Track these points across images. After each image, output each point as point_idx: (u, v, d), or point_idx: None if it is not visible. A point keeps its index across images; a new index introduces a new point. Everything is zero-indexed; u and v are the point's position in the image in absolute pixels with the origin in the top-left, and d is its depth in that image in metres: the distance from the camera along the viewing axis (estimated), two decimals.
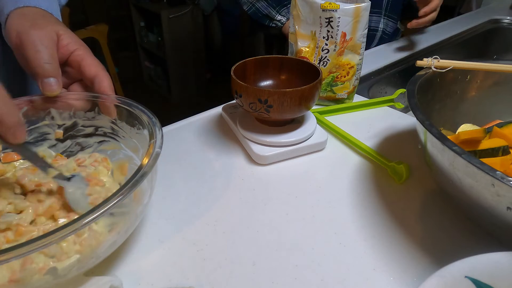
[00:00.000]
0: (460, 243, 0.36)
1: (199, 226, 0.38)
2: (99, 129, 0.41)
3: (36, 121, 0.40)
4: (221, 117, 0.58)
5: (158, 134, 0.34)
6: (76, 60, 0.39)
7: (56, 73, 0.37)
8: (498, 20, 1.11)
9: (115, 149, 0.41)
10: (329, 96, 0.61)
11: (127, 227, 0.32)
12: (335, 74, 0.58)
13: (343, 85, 0.59)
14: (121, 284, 0.31)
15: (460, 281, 0.25)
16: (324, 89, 0.60)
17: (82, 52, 0.39)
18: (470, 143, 0.40)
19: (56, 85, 0.37)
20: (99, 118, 0.40)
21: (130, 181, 0.28)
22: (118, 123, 0.40)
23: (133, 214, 0.32)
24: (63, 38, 0.38)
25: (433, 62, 0.43)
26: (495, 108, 0.49)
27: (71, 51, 0.39)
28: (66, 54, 0.39)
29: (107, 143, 0.42)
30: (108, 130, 0.41)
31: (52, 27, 0.38)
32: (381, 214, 0.40)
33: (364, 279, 0.33)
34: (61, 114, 0.40)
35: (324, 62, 0.58)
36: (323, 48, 0.56)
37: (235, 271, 0.34)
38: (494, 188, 0.27)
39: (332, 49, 0.56)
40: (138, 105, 0.38)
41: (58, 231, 0.24)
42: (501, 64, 0.44)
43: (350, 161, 0.48)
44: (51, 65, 0.36)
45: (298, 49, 0.57)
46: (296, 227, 0.38)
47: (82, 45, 0.40)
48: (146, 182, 0.32)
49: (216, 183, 0.45)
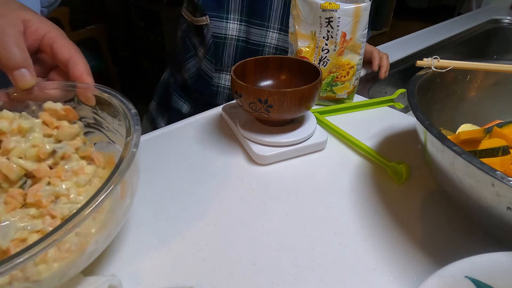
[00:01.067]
0: (460, 243, 0.36)
1: (199, 226, 0.38)
2: (82, 120, 0.38)
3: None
4: (221, 117, 0.58)
5: (136, 130, 0.31)
6: (47, 44, 0.36)
7: (26, 63, 0.34)
8: (498, 20, 1.11)
9: (101, 141, 0.39)
10: (329, 96, 0.61)
11: (108, 232, 0.30)
12: (335, 74, 0.58)
13: (343, 85, 0.59)
14: (120, 284, 0.31)
15: (460, 281, 0.25)
16: (324, 89, 0.60)
17: (53, 35, 0.36)
18: (470, 143, 0.40)
19: (28, 75, 0.34)
20: (80, 108, 0.38)
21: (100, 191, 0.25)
22: (100, 113, 0.37)
23: (112, 219, 0.30)
24: (31, 24, 0.35)
25: (433, 62, 0.43)
26: (495, 108, 0.49)
27: (42, 35, 0.36)
28: (36, 40, 0.36)
29: (92, 134, 0.39)
30: (91, 121, 0.38)
31: (16, 13, 0.34)
32: (381, 214, 0.40)
33: (364, 279, 0.33)
34: (40, 106, 0.37)
35: (324, 62, 0.57)
36: (323, 48, 0.56)
37: (235, 271, 0.34)
38: (494, 188, 0.27)
39: (332, 49, 0.56)
40: (116, 94, 0.35)
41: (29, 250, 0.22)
42: (501, 64, 0.44)
43: (350, 161, 0.48)
44: (18, 55, 0.33)
45: (298, 49, 0.57)
46: (296, 227, 0.38)
47: (53, 27, 0.37)
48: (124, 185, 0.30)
49: (216, 183, 0.45)
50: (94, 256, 0.31)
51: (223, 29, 0.73)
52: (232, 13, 0.72)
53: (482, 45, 1.08)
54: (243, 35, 0.74)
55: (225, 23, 0.73)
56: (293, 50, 0.59)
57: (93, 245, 0.29)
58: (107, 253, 0.35)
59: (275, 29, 0.74)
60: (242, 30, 0.73)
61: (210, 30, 0.74)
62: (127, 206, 0.33)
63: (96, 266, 0.34)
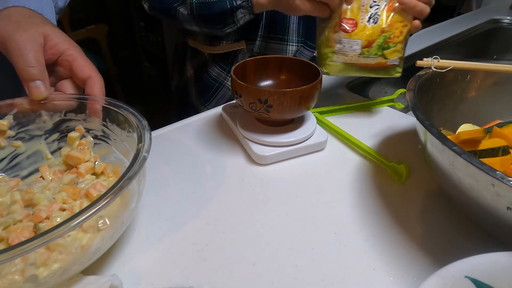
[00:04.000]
0: (460, 243, 0.36)
1: (199, 226, 0.38)
2: (90, 131, 0.41)
3: (27, 123, 0.39)
4: (221, 117, 0.58)
5: (147, 137, 0.33)
6: (67, 60, 0.38)
7: (41, 76, 0.36)
8: (498, 20, 1.11)
9: (107, 153, 0.41)
10: (379, 63, 0.51)
11: (112, 233, 0.31)
12: (387, 34, 0.50)
13: (395, 48, 0.51)
14: (121, 284, 0.31)
15: (460, 281, 0.25)
16: (374, 54, 0.51)
17: (73, 52, 0.38)
18: (470, 143, 0.40)
19: (43, 87, 0.36)
20: (90, 120, 0.40)
21: (115, 187, 0.27)
22: (109, 125, 0.39)
23: (119, 219, 0.32)
24: (51, 39, 0.37)
25: (433, 62, 0.43)
26: (495, 108, 0.49)
27: (61, 51, 0.38)
28: (55, 55, 0.38)
29: (99, 146, 0.41)
30: (100, 133, 0.40)
31: (38, 28, 0.37)
32: (381, 214, 0.40)
33: (364, 279, 0.33)
34: (51, 116, 0.40)
35: (375, 19, 0.49)
36: (371, 4, 0.49)
37: (235, 271, 0.34)
38: (494, 188, 0.27)
39: (383, 4, 0.49)
40: (127, 107, 0.37)
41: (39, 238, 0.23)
42: (501, 64, 0.44)
43: (350, 161, 0.48)
44: (36, 68, 0.35)
45: (344, 9, 0.49)
46: (296, 227, 0.38)
47: (73, 44, 0.39)
48: (133, 186, 0.32)
49: (216, 183, 0.45)
50: (98, 255, 0.31)
51: (251, 50, 0.73)
52: (260, 31, 0.72)
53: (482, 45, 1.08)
54: (262, 50, 0.73)
55: (254, 43, 0.72)
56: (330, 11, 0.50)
57: (99, 242, 0.30)
58: (107, 253, 0.35)
59: (294, 42, 0.73)
60: (262, 46, 0.73)
61: (247, 53, 0.72)
62: (133, 209, 0.33)
63: (97, 266, 0.34)
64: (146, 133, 0.34)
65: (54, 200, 0.34)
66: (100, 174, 0.39)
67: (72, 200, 0.35)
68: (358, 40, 0.50)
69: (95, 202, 0.26)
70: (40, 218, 0.32)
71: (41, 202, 0.34)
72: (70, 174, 0.38)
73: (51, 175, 0.39)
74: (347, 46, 0.50)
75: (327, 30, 0.51)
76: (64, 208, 0.33)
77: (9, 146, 0.39)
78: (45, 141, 0.41)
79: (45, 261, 0.27)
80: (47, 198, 0.34)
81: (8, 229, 0.31)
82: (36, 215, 0.32)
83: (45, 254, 0.27)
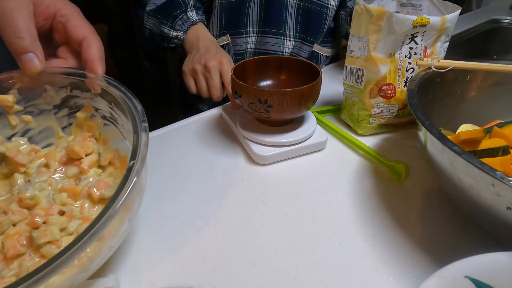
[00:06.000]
0: (460, 243, 0.36)
1: (199, 226, 0.38)
2: (98, 111, 0.38)
3: (33, 97, 0.37)
4: (221, 117, 0.58)
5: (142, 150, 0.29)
6: (60, 22, 0.34)
7: (33, 47, 0.32)
8: (498, 20, 1.11)
9: (116, 136, 0.38)
10: (410, 120, 0.53)
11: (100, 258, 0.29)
12: None
13: None
14: (117, 285, 0.30)
15: (460, 281, 0.25)
16: (408, 114, 0.52)
17: (66, 12, 0.34)
18: (470, 143, 0.40)
19: (36, 60, 0.33)
20: (97, 100, 0.37)
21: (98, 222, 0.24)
22: (115, 109, 0.36)
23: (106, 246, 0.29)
24: (41, 2, 0.34)
25: (433, 62, 0.43)
26: (495, 108, 0.49)
27: (54, 13, 0.34)
28: (48, 19, 0.34)
29: (108, 127, 0.38)
30: (108, 114, 0.38)
31: None
32: (381, 214, 0.40)
33: (364, 279, 0.33)
34: (57, 91, 0.37)
35: None
36: (408, 68, 0.49)
37: (235, 271, 0.34)
38: (494, 188, 0.27)
39: (417, 68, 0.49)
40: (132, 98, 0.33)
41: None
42: (501, 64, 0.44)
43: (350, 161, 0.48)
44: (26, 39, 0.32)
45: (382, 76, 0.48)
46: (296, 227, 0.38)
47: (66, 3, 0.35)
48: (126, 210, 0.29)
49: (216, 183, 0.45)
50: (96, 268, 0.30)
51: (243, 45, 0.72)
52: (250, 26, 0.71)
53: (482, 45, 1.08)
54: (259, 46, 0.72)
55: (244, 38, 0.72)
56: (362, 77, 0.50)
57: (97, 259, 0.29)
58: None
59: (291, 37, 0.73)
60: (258, 42, 0.72)
61: (232, 48, 0.72)
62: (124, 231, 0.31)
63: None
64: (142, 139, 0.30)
65: (54, 201, 0.34)
66: (107, 165, 0.37)
67: (72, 201, 0.34)
68: (396, 104, 0.50)
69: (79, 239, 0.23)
70: (36, 224, 0.31)
71: (40, 203, 0.33)
72: (74, 167, 0.36)
73: (57, 163, 0.37)
74: (385, 111, 0.51)
75: (362, 95, 0.51)
76: (63, 211, 0.33)
77: (20, 123, 0.37)
78: (55, 116, 0.39)
79: None
80: (47, 197, 0.34)
81: (5, 235, 0.30)
82: (32, 221, 0.31)
83: None
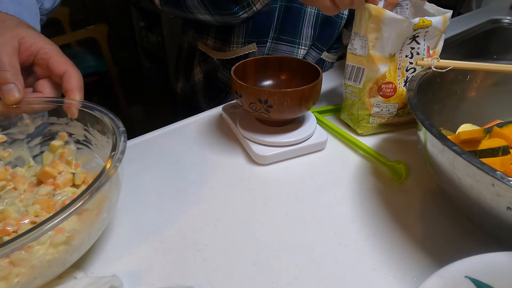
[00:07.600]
0: (460, 243, 0.36)
1: (199, 226, 0.38)
2: (72, 136, 0.40)
3: (8, 126, 0.39)
4: (221, 117, 0.58)
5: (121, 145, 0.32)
6: (42, 59, 0.38)
7: (15, 79, 0.36)
8: (498, 20, 1.11)
9: (88, 159, 0.40)
10: (410, 119, 0.53)
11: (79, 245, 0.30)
12: None
13: None
14: (121, 284, 0.31)
15: (460, 281, 0.25)
16: (408, 113, 0.52)
17: (48, 50, 0.38)
18: (470, 143, 0.40)
19: (16, 91, 0.36)
20: (72, 124, 0.39)
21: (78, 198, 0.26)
22: (91, 130, 0.38)
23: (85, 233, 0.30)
24: (25, 41, 0.37)
25: (433, 62, 0.43)
26: (495, 108, 0.49)
27: (37, 50, 0.38)
28: (31, 55, 0.38)
29: (81, 151, 0.40)
30: (82, 138, 0.40)
31: (11, 32, 0.37)
32: (381, 214, 0.40)
33: (364, 279, 0.33)
34: (33, 119, 0.39)
35: None
36: (408, 67, 0.49)
37: (235, 271, 0.34)
38: (494, 188, 0.27)
39: (419, 68, 0.48)
40: (106, 112, 0.36)
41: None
42: (501, 64, 0.44)
43: (350, 161, 0.48)
44: (9, 72, 0.35)
45: (382, 74, 0.48)
46: (296, 227, 0.38)
47: (48, 43, 0.39)
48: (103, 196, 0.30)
49: (216, 183, 0.45)
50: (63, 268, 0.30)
51: (262, 53, 0.71)
52: (272, 33, 0.71)
53: (482, 45, 1.08)
54: (272, 52, 0.72)
55: (268, 46, 0.71)
56: (362, 76, 0.50)
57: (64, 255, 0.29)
58: (106, 253, 0.35)
59: (306, 46, 0.72)
60: (271, 48, 0.72)
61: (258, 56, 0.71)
62: (102, 220, 0.32)
63: (97, 266, 0.34)
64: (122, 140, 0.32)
65: (27, 213, 0.33)
66: (81, 184, 0.38)
67: (46, 213, 0.33)
68: (396, 103, 0.50)
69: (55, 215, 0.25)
70: (7, 232, 0.30)
71: (11, 215, 0.32)
72: (47, 186, 0.36)
73: (26, 187, 0.37)
74: (384, 110, 0.51)
75: (361, 94, 0.50)
76: (35, 221, 0.32)
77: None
78: (27, 145, 0.40)
79: (6, 275, 0.26)
80: (18, 211, 0.33)
81: None
82: (3, 229, 0.30)
83: (8, 268, 0.26)
